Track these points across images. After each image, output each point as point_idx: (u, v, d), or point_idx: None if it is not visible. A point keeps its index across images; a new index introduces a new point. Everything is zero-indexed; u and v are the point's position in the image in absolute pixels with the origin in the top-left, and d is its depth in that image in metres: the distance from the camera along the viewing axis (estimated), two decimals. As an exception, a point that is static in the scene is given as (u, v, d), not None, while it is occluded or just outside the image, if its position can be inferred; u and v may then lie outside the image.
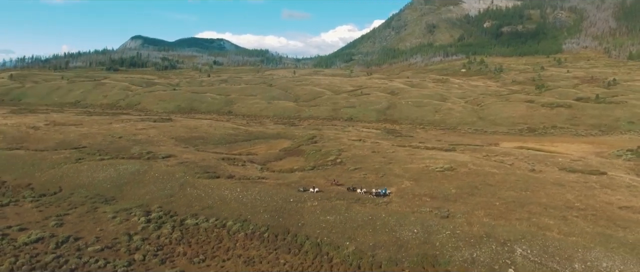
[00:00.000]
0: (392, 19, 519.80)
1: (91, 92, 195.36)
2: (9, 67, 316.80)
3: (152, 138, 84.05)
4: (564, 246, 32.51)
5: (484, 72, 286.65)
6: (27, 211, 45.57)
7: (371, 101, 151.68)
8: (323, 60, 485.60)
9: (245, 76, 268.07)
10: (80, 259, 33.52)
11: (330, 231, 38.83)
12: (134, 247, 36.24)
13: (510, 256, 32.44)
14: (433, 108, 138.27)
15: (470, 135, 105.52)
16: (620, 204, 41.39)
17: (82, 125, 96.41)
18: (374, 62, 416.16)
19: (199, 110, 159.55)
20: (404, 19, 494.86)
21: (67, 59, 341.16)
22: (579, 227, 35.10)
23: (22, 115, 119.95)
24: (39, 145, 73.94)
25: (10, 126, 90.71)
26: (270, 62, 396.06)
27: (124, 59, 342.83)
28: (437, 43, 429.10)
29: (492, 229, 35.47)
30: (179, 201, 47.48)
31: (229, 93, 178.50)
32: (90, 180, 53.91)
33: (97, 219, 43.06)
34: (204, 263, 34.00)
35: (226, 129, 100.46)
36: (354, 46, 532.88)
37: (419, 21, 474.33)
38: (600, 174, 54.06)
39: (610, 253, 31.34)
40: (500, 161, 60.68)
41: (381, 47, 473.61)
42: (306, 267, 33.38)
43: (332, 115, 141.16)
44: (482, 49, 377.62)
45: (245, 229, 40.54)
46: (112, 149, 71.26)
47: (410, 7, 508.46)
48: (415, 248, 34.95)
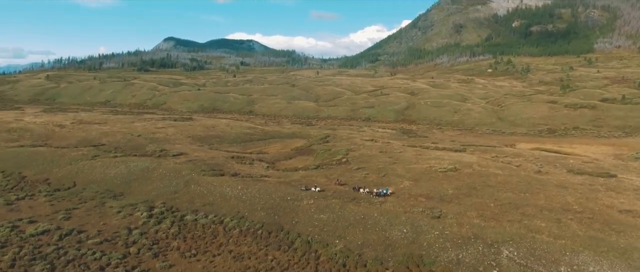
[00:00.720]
0: (418, 19, 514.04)
1: (121, 92, 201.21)
2: (47, 68, 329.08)
3: (170, 137, 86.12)
4: (551, 249, 31.76)
5: (511, 73, 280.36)
6: (40, 204, 47.62)
7: (390, 101, 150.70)
8: (349, 60, 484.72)
9: (270, 76, 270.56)
10: (78, 251, 34.89)
11: (322, 229, 39.08)
12: (132, 241, 37.44)
13: (496, 258, 31.93)
14: (452, 108, 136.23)
15: (487, 136, 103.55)
16: (621, 207, 40.04)
17: (106, 124, 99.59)
18: (399, 62, 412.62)
19: (222, 109, 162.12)
20: (431, 19, 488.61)
21: (101, 60, 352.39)
22: (570, 230, 34.20)
23: (52, 114, 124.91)
24: (61, 142, 76.96)
25: (38, 124, 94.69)
26: (295, 63, 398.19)
27: (154, 60, 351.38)
28: (463, 43, 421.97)
29: (481, 231, 34.97)
30: (182, 197, 48.64)
31: (251, 93, 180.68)
32: (103, 176, 55.84)
33: (102, 214, 44.62)
34: (194, 258, 34.82)
35: (242, 129, 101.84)
36: (380, 46, 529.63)
37: (445, 21, 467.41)
38: (609, 176, 52.35)
39: (598, 257, 30.45)
40: (507, 162, 59.50)
41: (407, 48, 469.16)
42: (292, 264, 33.73)
43: (351, 115, 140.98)
44: (509, 49, 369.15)
45: (241, 225, 41.23)
46: (129, 146, 73.43)
47: (437, 7, 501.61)
48: (402, 248, 34.81)
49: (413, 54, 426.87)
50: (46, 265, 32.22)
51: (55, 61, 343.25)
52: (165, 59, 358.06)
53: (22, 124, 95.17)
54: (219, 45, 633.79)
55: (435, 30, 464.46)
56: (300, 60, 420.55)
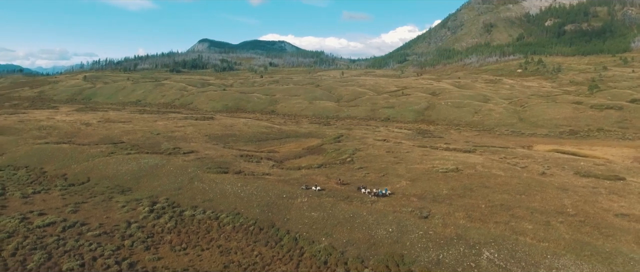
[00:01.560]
0: (448, 19, 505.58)
1: (151, 92, 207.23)
2: (86, 69, 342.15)
3: (187, 135, 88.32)
4: (533, 252, 31.05)
5: (541, 73, 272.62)
6: (53, 198, 49.92)
7: (410, 102, 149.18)
8: (377, 61, 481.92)
9: (296, 77, 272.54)
10: (77, 242, 36.53)
11: (311, 226, 39.45)
12: (128, 234, 38.84)
13: (476, 259, 31.47)
14: (472, 109, 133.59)
15: (505, 137, 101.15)
16: (619, 211, 38.61)
17: (130, 123, 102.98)
18: (428, 62, 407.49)
19: (245, 109, 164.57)
20: (460, 19, 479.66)
21: (136, 61, 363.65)
22: (557, 234, 33.28)
23: (82, 113, 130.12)
24: (84, 139, 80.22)
25: (67, 123, 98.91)
26: (323, 64, 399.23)
27: (186, 61, 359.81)
28: (494, 43, 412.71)
29: (465, 231, 34.50)
30: (185, 193, 49.98)
31: (275, 93, 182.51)
32: (115, 172, 57.96)
33: (108, 208, 46.41)
34: (183, 251, 35.84)
35: (259, 128, 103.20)
36: (409, 47, 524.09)
37: (475, 21, 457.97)
38: (617, 179, 50.44)
39: (579, 261, 29.57)
40: (513, 164, 58.13)
41: (436, 48, 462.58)
42: (275, 260, 34.23)
43: (370, 115, 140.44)
44: (542, 48, 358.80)
45: (235, 221, 42.08)
46: (146, 144, 75.80)
47: (467, 7, 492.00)
48: (386, 247, 34.76)
49: (442, 54, 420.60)
50: (44, 254, 33.93)
51: (94, 63, 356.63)
52: (196, 60, 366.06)
53: (52, 122, 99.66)
54: (252, 46, 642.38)
55: (465, 30, 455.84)
56: (327, 60, 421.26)
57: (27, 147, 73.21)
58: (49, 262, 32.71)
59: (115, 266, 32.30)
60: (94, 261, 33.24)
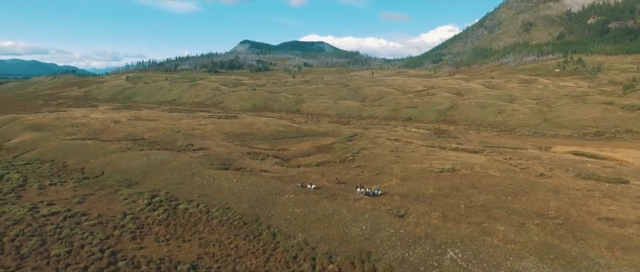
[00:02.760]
0: (485, 18, 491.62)
1: (187, 91, 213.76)
2: (131, 69, 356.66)
3: (206, 133, 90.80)
4: (497, 253, 30.39)
5: (580, 72, 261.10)
6: (66, 189, 52.98)
7: (434, 102, 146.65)
8: (412, 61, 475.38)
9: (327, 77, 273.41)
10: (72, 231, 38.80)
11: (291, 222, 40.07)
12: (120, 225, 40.79)
13: (440, 259, 31.13)
14: (496, 109, 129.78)
15: (525, 138, 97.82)
16: (605, 215, 36.97)
17: (157, 121, 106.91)
18: (463, 62, 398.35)
19: (272, 108, 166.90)
20: (498, 18, 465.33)
21: (177, 62, 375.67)
22: (527, 236, 32.35)
23: (117, 111, 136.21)
24: (109, 136, 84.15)
25: (98, 120, 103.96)
26: (356, 64, 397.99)
27: (223, 61, 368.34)
28: (532, 42, 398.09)
29: (434, 231, 34.13)
30: (185, 188, 51.78)
31: (302, 93, 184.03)
32: (126, 167, 60.71)
33: (111, 200, 48.81)
34: (166, 242, 37.33)
35: (278, 126, 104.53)
36: (446, 46, 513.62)
37: (514, 19, 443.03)
38: (619, 182, 48.12)
39: (541, 264, 28.71)
40: (515, 165, 56.45)
41: (473, 47, 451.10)
42: (248, 253, 35.06)
43: (392, 115, 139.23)
44: (583, 47, 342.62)
45: (223, 215, 43.30)
46: (164, 141, 78.68)
47: (505, 5, 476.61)
48: (356, 244, 34.90)
49: (478, 54, 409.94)
50: (39, 241, 36.29)
51: (138, 64, 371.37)
52: (233, 61, 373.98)
53: (85, 119, 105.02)
54: (291, 47, 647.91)
55: (503, 29, 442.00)
56: (361, 60, 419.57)
57: (56, 142, 77.72)
58: (41, 248, 34.95)
59: (98, 253, 34.11)
60: (81, 248, 35.22)
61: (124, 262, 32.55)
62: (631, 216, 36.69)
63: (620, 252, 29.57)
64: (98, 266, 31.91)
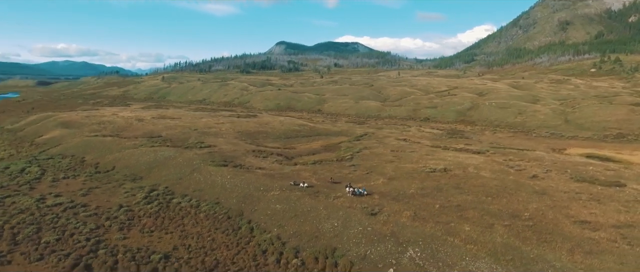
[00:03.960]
0: (520, 18, 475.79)
1: (216, 91, 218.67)
2: (168, 70, 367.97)
3: (221, 131, 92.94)
4: (454, 253, 30.04)
5: (616, 72, 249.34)
6: (76, 183, 55.87)
7: (454, 102, 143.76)
8: (444, 61, 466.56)
9: (355, 77, 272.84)
10: (67, 220, 41.06)
11: (271, 217, 40.83)
12: (113, 216, 42.75)
13: (399, 257, 31.08)
14: (517, 110, 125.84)
15: (540, 139, 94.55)
16: (583, 218, 35.69)
17: (179, 119, 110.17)
18: (496, 62, 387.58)
19: (295, 108, 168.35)
20: (533, 17, 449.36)
21: (211, 63, 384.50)
22: (491, 237, 31.75)
23: (145, 110, 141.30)
24: (129, 133, 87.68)
25: (123, 118, 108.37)
26: (386, 64, 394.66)
27: (256, 62, 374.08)
28: (569, 41, 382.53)
29: (400, 229, 34.02)
30: (183, 183, 53.53)
31: (325, 93, 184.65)
32: (135, 162, 63.27)
33: (114, 193, 51.14)
34: (149, 234, 38.89)
35: (292, 126, 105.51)
36: (478, 46, 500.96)
37: (549, 18, 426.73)
38: (615, 185, 46.15)
39: (495, 265, 28.20)
40: (511, 166, 55.00)
41: (506, 47, 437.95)
42: (222, 246, 36.03)
43: (411, 115, 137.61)
44: (622, 46, 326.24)
45: (211, 210, 44.56)
46: (178, 138, 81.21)
47: (540, 4, 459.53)
48: (325, 240, 35.25)
49: (511, 54, 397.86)
50: (34, 228, 38.67)
51: (175, 64, 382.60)
52: (265, 62, 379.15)
53: (112, 118, 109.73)
54: (325, 48, 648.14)
55: (538, 29, 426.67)
56: (391, 61, 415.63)
57: (79, 139, 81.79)
58: (35, 235, 37.26)
59: (84, 242, 36.04)
60: (70, 237, 37.29)
61: (104, 251, 34.27)
62: (610, 219, 35.29)
63: (581, 256, 28.61)
64: (79, 253, 33.77)
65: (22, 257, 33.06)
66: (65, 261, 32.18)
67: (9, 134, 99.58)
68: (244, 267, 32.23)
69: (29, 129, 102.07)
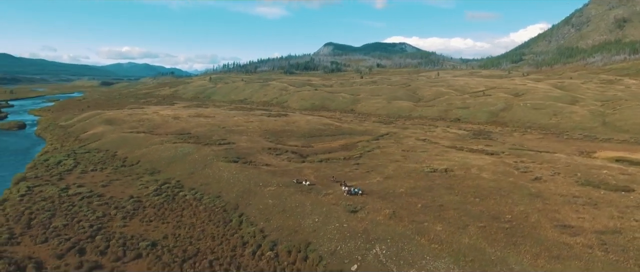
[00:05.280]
0: (572, 16, 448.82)
1: (257, 91, 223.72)
2: (217, 71, 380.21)
3: (247, 129, 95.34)
4: (417, 252, 29.67)
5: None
6: (101, 175, 59.75)
7: (487, 102, 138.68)
8: (490, 61, 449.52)
9: (394, 78, 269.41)
10: (80, 209, 44.18)
11: (261, 211, 41.90)
12: (121, 206, 45.49)
13: (365, 254, 31.10)
14: (552, 111, 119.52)
15: (571, 141, 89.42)
16: (568, 222, 34.01)
17: (213, 118, 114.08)
18: (545, 62, 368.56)
19: (329, 108, 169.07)
20: (587, 15, 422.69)
21: (257, 64, 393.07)
22: (459, 237, 31.01)
23: (186, 108, 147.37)
24: (162, 130, 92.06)
25: (161, 116, 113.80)
26: (429, 64, 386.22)
27: (299, 63, 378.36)
28: (626, 39, 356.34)
29: (373, 227, 33.94)
30: (194, 177, 55.85)
31: (359, 93, 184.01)
32: (157, 157, 66.61)
33: (130, 185, 54.29)
34: (147, 223, 41.00)
35: (318, 125, 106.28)
36: (528, 46, 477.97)
37: (605, 16, 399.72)
38: (622, 190, 43.43)
39: (453, 265, 27.63)
40: (518, 168, 52.86)
41: (557, 46, 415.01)
42: (208, 236, 37.39)
43: (441, 115, 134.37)
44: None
45: (211, 203, 46.31)
46: (204, 136, 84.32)
47: (595, 1, 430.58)
48: (304, 235, 35.82)
49: (562, 53, 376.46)
50: (49, 214, 42.01)
51: (224, 65, 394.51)
52: (309, 63, 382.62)
53: (152, 115, 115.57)
54: (373, 48, 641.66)
55: (592, 26, 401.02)
56: (434, 61, 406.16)
57: (116, 135, 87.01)
58: (47, 221, 40.48)
59: (87, 228, 38.74)
60: (77, 223, 40.17)
61: (101, 237, 36.73)
62: (597, 225, 33.40)
63: (546, 260, 27.40)
64: (79, 238, 36.42)
65: (30, 240, 36.14)
66: (64, 244, 34.84)
67: (60, 129, 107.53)
68: (220, 257, 33.46)
69: (78, 125, 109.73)
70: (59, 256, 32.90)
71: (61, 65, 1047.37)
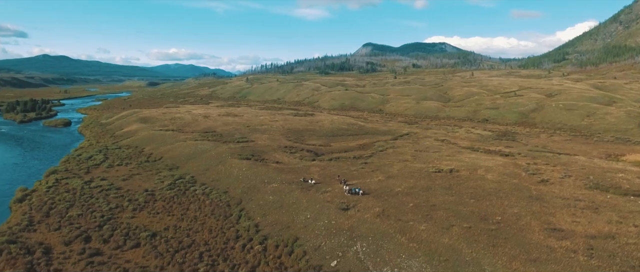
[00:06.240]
0: (620, 13, 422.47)
1: (290, 91, 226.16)
2: (255, 72, 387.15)
3: (271, 128, 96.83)
4: (395, 250, 29.56)
5: None
6: (125, 169, 62.78)
7: (518, 103, 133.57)
8: (531, 60, 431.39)
9: (428, 78, 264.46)
10: (97, 200, 46.80)
11: (260, 207, 42.86)
12: (134, 199, 47.80)
13: (346, 250, 31.30)
14: (585, 112, 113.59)
15: (600, 144, 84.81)
16: (561, 226, 32.72)
17: (241, 117, 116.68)
18: (590, 61, 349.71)
19: (358, 108, 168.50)
20: (637, 11, 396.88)
21: (294, 65, 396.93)
22: (439, 237, 30.55)
23: (219, 107, 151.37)
24: (190, 128, 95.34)
25: (192, 115, 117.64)
26: (466, 64, 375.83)
27: (335, 63, 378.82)
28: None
29: (359, 225, 34.03)
30: (207, 173, 57.70)
31: (389, 93, 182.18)
32: (178, 154, 69.19)
33: (148, 179, 56.83)
34: (154, 215, 42.86)
35: (341, 124, 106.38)
36: (572, 45, 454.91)
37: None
38: (633, 195, 41.13)
39: (425, 264, 27.36)
40: (528, 170, 51.07)
41: (604, 45, 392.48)
42: (206, 229, 38.73)
43: (469, 116, 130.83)
44: None
45: (217, 197, 47.77)
46: (227, 134, 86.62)
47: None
48: (294, 230, 36.40)
49: (609, 52, 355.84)
50: (67, 204, 44.86)
51: (262, 66, 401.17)
52: (344, 63, 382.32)
53: (184, 114, 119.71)
54: (412, 48, 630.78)
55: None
56: (470, 61, 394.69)
57: (147, 132, 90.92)
58: (64, 210, 43.25)
59: (98, 218, 41.09)
60: (91, 213, 42.68)
61: (108, 226, 38.90)
62: (591, 229, 31.94)
63: (521, 263, 26.58)
64: (88, 227, 38.75)
65: (45, 227, 38.83)
66: (74, 232, 37.19)
67: (100, 127, 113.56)
68: (212, 248, 34.65)
69: (116, 123, 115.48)
70: (66, 243, 35.19)
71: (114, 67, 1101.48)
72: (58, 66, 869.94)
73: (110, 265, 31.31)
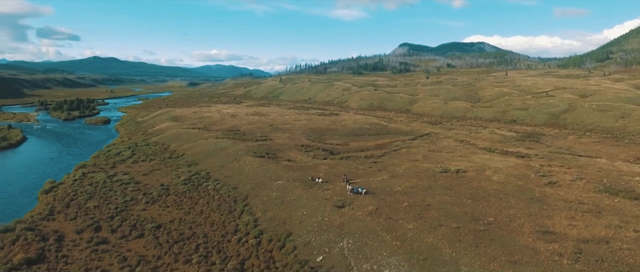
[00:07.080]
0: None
1: (321, 91, 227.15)
2: (290, 72, 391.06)
3: (293, 127, 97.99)
4: (378, 248, 29.60)
5: None
6: (147, 165, 65.59)
7: (549, 104, 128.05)
8: (572, 60, 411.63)
9: (461, 78, 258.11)
10: (115, 193, 49.31)
11: (263, 203, 43.78)
12: (149, 192, 49.98)
13: (332, 247, 31.63)
14: (619, 113, 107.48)
15: (632, 146, 79.69)
16: (555, 229, 31.63)
17: (266, 116, 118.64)
18: (635, 60, 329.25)
19: (386, 108, 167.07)
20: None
21: (327, 65, 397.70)
22: (424, 236, 30.27)
23: (248, 107, 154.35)
24: (215, 127, 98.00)
25: (221, 114, 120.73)
26: (502, 64, 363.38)
27: (368, 64, 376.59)
28: None
29: (349, 222, 34.21)
30: (222, 170, 59.37)
31: (418, 93, 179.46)
32: (199, 151, 71.48)
33: (167, 174, 59.15)
34: (164, 208, 44.62)
35: (364, 124, 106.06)
36: (617, 43, 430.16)
37: None
38: None
39: (404, 263, 27.27)
40: (539, 172, 49.38)
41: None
42: (208, 222, 40.06)
43: (498, 116, 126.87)
44: None
45: (227, 193, 49.16)
46: (249, 132, 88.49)
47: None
48: (290, 226, 37.03)
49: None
50: (87, 196, 47.58)
51: (296, 66, 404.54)
52: (377, 63, 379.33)
53: (213, 113, 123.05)
54: (450, 48, 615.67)
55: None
56: (507, 60, 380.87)
57: (175, 130, 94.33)
58: (83, 202, 45.90)
59: (112, 210, 43.37)
60: (107, 204, 45.09)
61: (118, 217, 41.00)
62: (586, 233, 30.70)
63: (500, 264, 25.98)
64: (100, 217, 41.02)
65: (63, 217, 41.42)
66: (87, 222, 39.50)
67: (135, 125, 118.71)
68: (209, 241, 35.86)
69: (150, 121, 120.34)
70: (78, 232, 37.46)
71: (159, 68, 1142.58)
72: (107, 67, 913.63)
73: (112, 253, 33.09)
